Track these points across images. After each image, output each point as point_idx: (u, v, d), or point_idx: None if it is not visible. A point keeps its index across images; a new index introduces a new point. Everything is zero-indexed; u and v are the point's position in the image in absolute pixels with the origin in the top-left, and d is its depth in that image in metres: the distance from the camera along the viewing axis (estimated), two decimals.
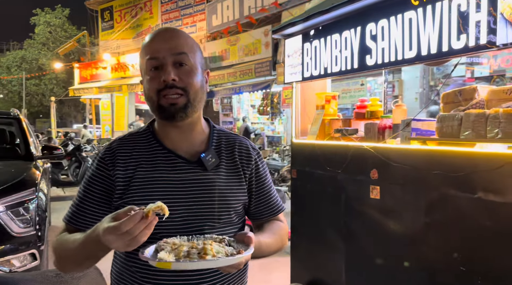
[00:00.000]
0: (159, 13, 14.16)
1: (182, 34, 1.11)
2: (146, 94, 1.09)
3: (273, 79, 9.65)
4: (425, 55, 2.09)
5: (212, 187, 1.10)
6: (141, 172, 1.08)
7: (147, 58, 1.06)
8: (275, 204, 1.26)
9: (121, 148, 1.13)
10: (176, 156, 1.11)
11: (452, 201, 2.02)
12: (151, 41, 1.08)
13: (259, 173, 1.21)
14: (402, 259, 2.30)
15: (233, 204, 1.14)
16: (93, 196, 1.10)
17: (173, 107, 1.05)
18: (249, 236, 0.99)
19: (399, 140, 2.39)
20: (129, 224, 0.85)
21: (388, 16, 2.28)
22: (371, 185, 2.47)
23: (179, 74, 1.05)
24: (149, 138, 1.14)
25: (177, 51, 1.06)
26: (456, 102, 2.15)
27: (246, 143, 1.23)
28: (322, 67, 2.75)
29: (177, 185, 1.08)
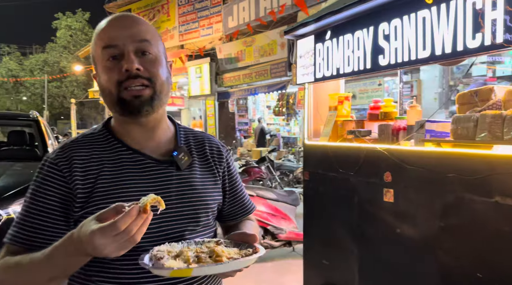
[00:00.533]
0: (176, 15, 14.29)
1: (142, 21, 0.99)
2: (102, 87, 0.95)
3: (289, 80, 9.61)
4: (439, 54, 2.04)
5: (189, 187, 1.01)
6: (105, 176, 0.94)
7: (104, 47, 0.93)
8: (247, 203, 1.20)
9: (77, 151, 0.97)
10: (143, 156, 0.99)
11: (468, 205, 1.96)
12: (107, 28, 0.95)
13: (230, 171, 1.14)
14: (417, 263, 2.25)
15: (210, 205, 1.05)
16: (46, 209, 0.92)
17: (138, 100, 0.93)
18: (253, 235, 0.93)
19: (413, 143, 2.33)
20: (127, 220, 0.74)
21: (401, 15, 2.23)
22: (384, 187, 2.42)
23: (142, 63, 0.93)
24: (108, 138, 1.01)
25: (140, 38, 0.94)
26: (472, 103, 2.09)
27: (215, 141, 1.16)
28: (334, 67, 2.71)
29: (150, 188, 0.95)
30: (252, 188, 4.54)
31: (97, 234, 0.73)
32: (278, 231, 4.17)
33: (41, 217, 0.92)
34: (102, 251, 0.75)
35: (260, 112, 12.69)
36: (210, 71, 12.27)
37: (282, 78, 9.87)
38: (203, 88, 12.61)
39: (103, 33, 0.95)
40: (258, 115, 12.40)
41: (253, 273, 3.96)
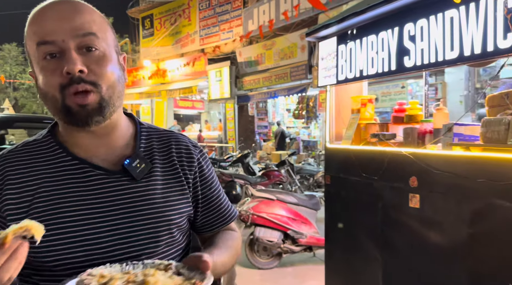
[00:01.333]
0: (197, 19, 14.44)
1: (86, 8, 0.82)
2: (42, 91, 0.80)
3: (309, 83, 9.54)
4: (468, 55, 1.97)
5: (146, 200, 0.85)
6: (44, 193, 0.80)
7: (38, 42, 0.78)
8: (226, 211, 1.02)
9: (11, 164, 0.83)
10: (91, 166, 0.84)
11: (498, 211, 1.87)
12: (41, 18, 0.78)
13: (204, 175, 0.97)
14: (444, 272, 2.17)
15: (175, 219, 0.88)
16: None
17: (84, 110, 0.78)
18: (205, 261, 0.76)
19: (440, 146, 2.26)
20: None
21: (427, 15, 2.17)
22: (410, 193, 2.35)
23: (87, 62, 0.78)
24: (51, 146, 0.86)
25: (83, 31, 0.78)
26: (502, 106, 2.00)
27: (184, 140, 0.98)
28: (357, 69, 2.66)
29: (97, 204, 0.82)
30: (272, 191, 4.51)
31: None
32: (298, 236, 4.11)
33: None
34: None
35: (279, 115, 12.66)
36: (230, 74, 12.33)
37: (302, 81, 9.82)
38: (223, 91, 12.68)
39: (36, 25, 0.78)
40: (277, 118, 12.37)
41: (273, 278, 3.92)
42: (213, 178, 1.00)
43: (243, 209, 4.04)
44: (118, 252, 0.81)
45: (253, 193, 4.31)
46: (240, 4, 12.67)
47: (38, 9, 0.80)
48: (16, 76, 29.86)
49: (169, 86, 15.02)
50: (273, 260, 4.15)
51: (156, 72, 15.85)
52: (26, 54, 0.84)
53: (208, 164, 1.01)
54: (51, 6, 0.79)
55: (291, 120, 12.15)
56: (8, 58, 30.63)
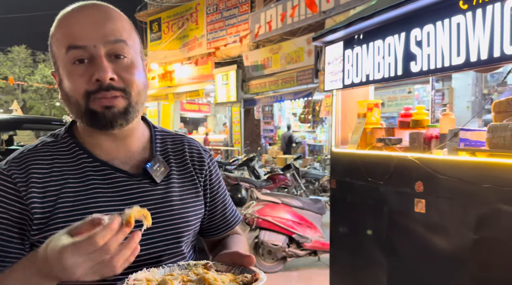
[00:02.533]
0: (204, 23, 14.53)
1: (116, 14, 0.82)
2: (66, 95, 0.80)
3: (315, 87, 9.55)
4: (474, 61, 1.97)
5: (166, 203, 0.87)
6: (67, 194, 0.80)
7: (69, 47, 0.77)
8: (232, 215, 1.04)
9: (35, 162, 0.82)
10: (113, 169, 0.85)
11: (504, 217, 1.87)
12: (73, 22, 0.78)
13: (212, 179, 0.99)
14: (449, 277, 2.16)
15: (192, 221, 0.91)
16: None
17: (110, 112, 0.78)
18: (250, 257, 0.78)
19: (446, 152, 2.26)
20: (105, 234, 0.59)
21: (434, 21, 2.18)
22: (415, 198, 2.35)
23: (116, 69, 0.78)
24: (71, 148, 0.86)
25: (114, 38, 0.78)
26: (508, 111, 2.00)
27: (196, 144, 1.00)
28: (364, 74, 2.67)
29: (120, 205, 0.81)
30: (277, 195, 4.51)
31: (69, 250, 0.59)
32: (303, 240, 4.11)
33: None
34: (73, 272, 0.60)
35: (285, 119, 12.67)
36: (236, 78, 12.38)
37: (309, 85, 9.83)
38: (229, 95, 12.72)
39: (67, 28, 0.77)
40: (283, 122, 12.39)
41: (277, 282, 3.92)
42: (220, 182, 1.02)
43: (248, 212, 4.05)
44: (141, 253, 0.78)
45: (258, 196, 4.32)
46: (247, 9, 12.74)
47: (68, 12, 0.79)
48: (25, 78, 30.18)
49: (176, 89, 15.11)
50: (278, 264, 4.16)
51: (164, 75, 15.95)
52: (50, 54, 0.83)
53: (216, 168, 1.03)
54: (82, 10, 0.79)
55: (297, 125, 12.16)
56: (17, 60, 30.98)
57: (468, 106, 7.78)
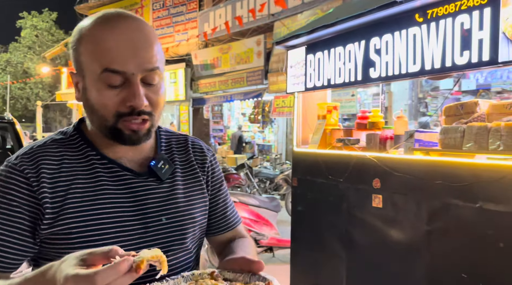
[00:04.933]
0: (150, 19, 14.16)
1: (153, 35, 0.82)
2: (91, 106, 0.81)
3: (265, 88, 9.74)
4: (428, 69, 2.18)
5: (171, 200, 0.89)
6: (76, 190, 0.81)
7: (105, 69, 0.77)
8: (232, 215, 1.04)
9: (45, 158, 0.82)
10: (120, 166, 0.86)
11: (453, 210, 2.09)
12: (111, 41, 0.77)
13: (215, 177, 1.01)
14: (404, 267, 2.36)
15: (198, 217, 0.93)
16: (11, 223, 0.78)
17: (136, 135, 0.81)
18: (259, 263, 0.77)
19: (401, 151, 2.46)
20: (110, 275, 0.58)
21: (392, 31, 2.37)
22: (373, 194, 2.53)
23: (147, 94, 0.80)
24: (80, 145, 0.87)
25: (151, 67, 0.79)
26: (457, 115, 2.24)
27: (199, 142, 1.03)
28: (325, 78, 2.82)
29: (127, 203, 0.84)
30: (235, 194, 4.58)
31: (70, 281, 0.59)
32: (260, 237, 4.22)
33: (5, 233, 0.77)
34: None
35: (235, 119, 12.77)
36: (185, 77, 12.23)
37: (258, 86, 10.00)
38: (177, 93, 12.54)
39: (105, 46, 0.77)
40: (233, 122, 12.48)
41: None
42: (222, 181, 1.04)
43: None
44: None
45: None
46: (195, 7, 12.63)
47: (106, 25, 0.78)
48: None
49: None
50: None
51: None
52: (74, 55, 0.82)
53: (218, 167, 1.05)
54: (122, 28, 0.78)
55: (246, 125, 12.30)
56: None
57: (406, 109, 8.39)
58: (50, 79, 26.71)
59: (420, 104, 8.44)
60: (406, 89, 8.56)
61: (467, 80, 7.81)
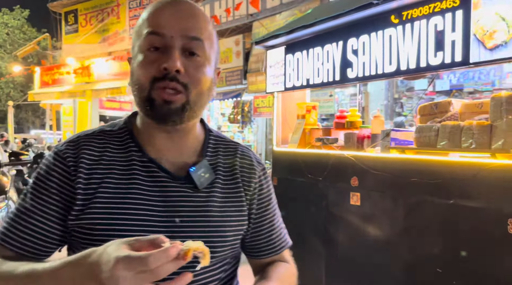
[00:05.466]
0: (126, 18, 13.94)
1: (202, 15, 0.83)
2: (134, 79, 0.80)
3: (244, 88, 9.74)
4: (404, 69, 2.24)
5: (204, 212, 0.82)
6: (109, 184, 0.80)
7: (147, 31, 0.78)
8: (278, 238, 0.95)
9: (88, 147, 0.82)
10: (158, 167, 0.82)
11: (429, 207, 2.16)
12: (158, 11, 0.80)
13: (262, 195, 0.92)
14: (381, 262, 2.42)
15: (229, 236, 0.85)
16: (47, 208, 0.79)
17: (167, 107, 0.77)
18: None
19: (378, 149, 2.52)
20: (161, 259, 0.58)
21: (369, 32, 2.42)
22: (351, 191, 2.58)
23: (186, 65, 0.78)
24: (125, 139, 0.85)
25: (192, 35, 0.79)
26: (432, 114, 2.31)
27: (249, 154, 0.94)
28: (304, 78, 2.85)
29: (158, 206, 0.80)
30: None
31: (122, 262, 0.58)
32: None
33: (38, 218, 0.78)
34: (118, 284, 0.59)
35: (214, 119, 12.71)
36: None
37: (238, 86, 9.99)
38: None
39: (152, 16, 0.80)
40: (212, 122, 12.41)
41: None
42: (270, 200, 0.94)
43: None
44: None
45: None
46: None
47: (159, 3, 0.81)
48: None
49: (95, 85, 14.26)
50: None
51: (81, 70, 14.97)
52: (132, 43, 0.83)
53: (269, 184, 0.95)
54: (172, 3, 0.80)
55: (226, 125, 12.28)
56: None
57: (382, 109, 8.56)
58: (22, 79, 25.89)
59: (396, 105, 8.62)
60: (382, 90, 8.73)
61: (441, 80, 8.04)
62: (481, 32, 1.91)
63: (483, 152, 1.92)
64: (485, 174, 1.87)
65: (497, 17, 1.84)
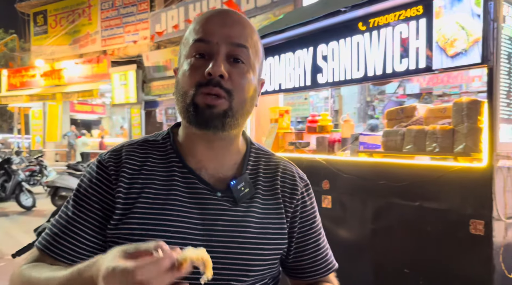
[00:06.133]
0: (98, 19, 13.67)
1: (247, 23, 0.83)
2: (178, 87, 0.80)
3: None
4: (371, 75, 2.31)
5: (242, 227, 0.80)
6: (149, 194, 0.79)
7: (194, 39, 0.79)
8: (324, 259, 0.90)
9: (131, 156, 0.82)
10: (198, 179, 0.81)
11: (396, 209, 2.22)
12: (205, 20, 0.81)
13: (305, 212, 0.88)
14: (352, 264, 2.47)
15: (267, 255, 0.81)
16: (87, 216, 0.79)
17: (209, 111, 0.76)
18: None
19: (348, 153, 2.57)
20: (149, 270, 0.55)
21: (338, 38, 2.48)
22: (323, 194, 2.62)
23: (230, 71, 0.77)
24: (167, 149, 0.85)
25: (237, 42, 0.79)
26: (398, 119, 2.38)
27: (292, 169, 0.91)
28: (276, 83, 2.89)
29: (196, 219, 0.78)
30: None
31: (111, 272, 0.57)
32: None
33: (80, 227, 0.78)
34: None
35: None
36: (136, 78, 11.92)
37: None
38: (128, 96, 12.18)
39: (199, 25, 0.81)
40: None
41: None
42: (315, 218, 0.90)
43: None
44: None
45: None
46: (146, 7, 12.36)
47: (206, 13, 0.82)
48: None
49: (66, 88, 13.92)
50: None
51: (51, 73, 14.57)
52: (179, 52, 0.84)
53: (313, 201, 0.92)
54: (217, 12, 0.82)
55: None
56: None
57: (355, 112, 8.73)
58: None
59: (368, 107, 8.82)
60: (355, 93, 8.90)
61: (411, 84, 8.28)
62: (443, 40, 1.99)
63: (446, 155, 2.00)
64: (447, 177, 1.95)
65: (457, 26, 1.93)
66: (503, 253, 1.81)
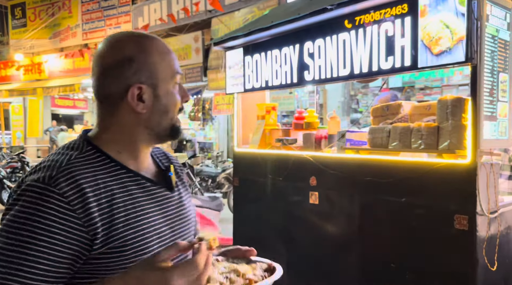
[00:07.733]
0: (79, 12, 13.36)
1: None
2: (166, 110, 0.90)
3: (205, 85, 9.65)
4: (357, 73, 2.32)
5: (182, 207, 0.97)
6: (119, 204, 0.82)
7: (177, 72, 0.93)
8: None
9: (81, 174, 0.79)
10: (144, 178, 0.90)
11: (382, 205, 2.26)
12: (171, 54, 0.93)
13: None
14: (339, 258, 2.51)
15: (193, 225, 1.03)
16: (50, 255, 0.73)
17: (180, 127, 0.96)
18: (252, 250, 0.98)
19: (335, 150, 2.60)
20: (203, 258, 0.70)
21: (324, 36, 2.48)
22: (310, 191, 2.65)
23: None
24: (102, 160, 0.86)
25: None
26: (383, 116, 2.41)
27: (173, 157, 1.10)
28: (263, 80, 2.88)
29: (158, 213, 0.89)
30: None
31: (176, 273, 0.68)
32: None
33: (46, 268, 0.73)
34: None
35: None
36: None
37: (198, 83, 9.88)
38: None
39: (171, 58, 0.92)
40: None
41: None
42: None
43: None
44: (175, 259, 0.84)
45: None
46: (128, 0, 12.14)
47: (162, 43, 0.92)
48: None
49: (47, 83, 13.61)
50: None
51: (31, 67, 14.22)
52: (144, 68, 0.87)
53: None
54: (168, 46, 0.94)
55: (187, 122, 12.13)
56: None
57: (339, 106, 8.79)
58: None
59: (352, 101, 8.89)
60: (339, 87, 8.97)
61: (394, 77, 8.38)
62: (428, 38, 2.01)
63: (431, 152, 2.04)
64: (433, 173, 1.99)
65: (441, 25, 1.95)
66: (486, 247, 1.86)
